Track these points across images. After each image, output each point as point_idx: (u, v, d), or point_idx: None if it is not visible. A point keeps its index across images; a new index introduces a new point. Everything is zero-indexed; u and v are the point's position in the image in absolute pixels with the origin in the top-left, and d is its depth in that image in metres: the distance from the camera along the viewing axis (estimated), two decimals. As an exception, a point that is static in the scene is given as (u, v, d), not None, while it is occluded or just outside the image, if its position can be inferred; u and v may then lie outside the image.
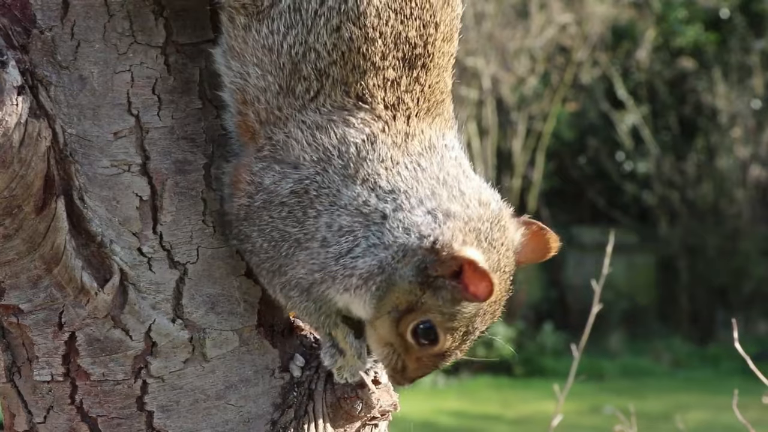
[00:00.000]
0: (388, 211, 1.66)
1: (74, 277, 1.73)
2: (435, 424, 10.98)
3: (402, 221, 1.66)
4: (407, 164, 1.69)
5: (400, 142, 1.70)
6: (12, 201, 1.68)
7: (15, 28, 1.71)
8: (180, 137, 1.77)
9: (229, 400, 1.80)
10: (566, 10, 15.84)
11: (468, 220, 1.67)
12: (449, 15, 1.75)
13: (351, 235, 1.67)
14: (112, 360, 1.76)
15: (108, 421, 1.76)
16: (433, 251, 1.64)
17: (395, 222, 1.66)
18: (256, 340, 1.83)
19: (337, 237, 1.67)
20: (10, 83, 1.64)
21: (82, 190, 1.74)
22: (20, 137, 1.65)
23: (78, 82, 1.73)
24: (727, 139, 16.24)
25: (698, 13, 16.52)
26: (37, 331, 1.76)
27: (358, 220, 1.66)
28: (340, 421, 1.83)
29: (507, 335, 13.99)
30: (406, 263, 1.65)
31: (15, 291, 1.75)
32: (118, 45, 1.73)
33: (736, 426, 2.75)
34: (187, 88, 1.78)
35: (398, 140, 1.70)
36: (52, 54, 1.72)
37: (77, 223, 1.74)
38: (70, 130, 1.73)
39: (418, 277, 1.65)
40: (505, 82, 15.56)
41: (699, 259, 16.05)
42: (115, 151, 1.74)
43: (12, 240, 1.71)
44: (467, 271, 1.62)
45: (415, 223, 1.65)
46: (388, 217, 1.66)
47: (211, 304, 1.79)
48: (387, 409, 1.86)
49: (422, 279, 1.65)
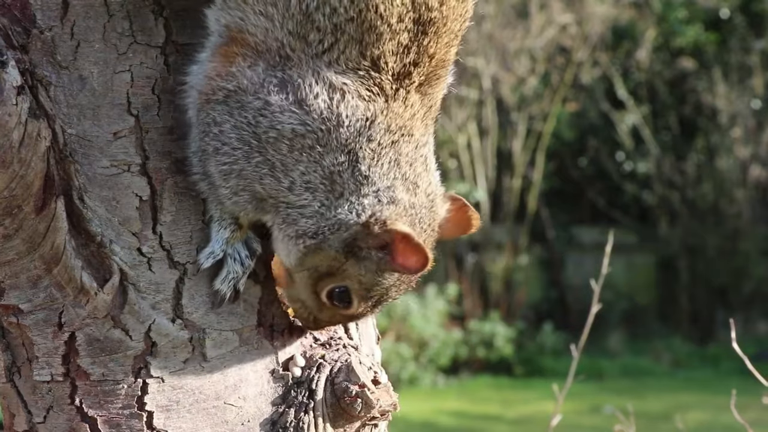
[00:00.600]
0: (348, 191, 1.70)
1: (74, 277, 1.73)
2: (435, 424, 10.99)
3: (352, 203, 1.70)
4: (387, 156, 1.71)
5: (394, 129, 1.70)
6: (12, 201, 1.68)
7: (15, 28, 1.71)
8: (180, 137, 1.77)
9: (228, 400, 1.80)
10: (566, 10, 15.84)
11: (409, 207, 1.73)
12: None
13: (312, 193, 1.69)
14: (112, 360, 1.76)
15: (108, 421, 1.76)
16: (365, 226, 1.70)
17: (347, 203, 1.70)
18: (255, 340, 1.83)
19: (301, 188, 1.69)
20: (10, 83, 1.64)
21: (81, 190, 1.74)
22: (20, 137, 1.65)
23: (78, 82, 1.73)
24: (727, 139, 16.24)
25: (698, 13, 16.52)
26: (36, 331, 1.76)
27: (325, 184, 1.69)
28: (340, 421, 1.83)
29: (507, 335, 13.99)
30: (339, 236, 1.71)
31: (15, 291, 1.75)
32: (117, 45, 1.73)
33: (736, 426, 2.75)
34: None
35: (392, 127, 1.70)
36: (51, 54, 1.72)
37: (77, 223, 1.74)
38: (70, 130, 1.73)
39: (345, 248, 1.71)
40: (505, 82, 15.57)
41: (699, 259, 16.05)
42: (115, 151, 1.74)
43: (12, 240, 1.71)
44: (399, 244, 1.69)
45: (361, 204, 1.70)
46: (344, 196, 1.70)
47: (211, 304, 1.79)
48: (387, 409, 1.86)
49: (348, 249, 1.72)
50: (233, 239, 1.77)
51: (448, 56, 1.75)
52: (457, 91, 7.62)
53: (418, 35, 1.68)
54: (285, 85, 1.66)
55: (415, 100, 1.72)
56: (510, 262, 15.52)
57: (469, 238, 15.50)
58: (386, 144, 1.70)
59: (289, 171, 1.68)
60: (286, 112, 1.66)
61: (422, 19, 1.68)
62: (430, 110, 1.76)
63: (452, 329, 14.05)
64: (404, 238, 1.69)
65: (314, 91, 1.66)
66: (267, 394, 1.83)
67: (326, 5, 1.64)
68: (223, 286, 1.78)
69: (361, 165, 1.69)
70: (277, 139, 1.67)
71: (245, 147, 1.69)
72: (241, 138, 1.69)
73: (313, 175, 1.68)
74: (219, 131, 1.69)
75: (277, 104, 1.66)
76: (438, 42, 1.71)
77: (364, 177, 1.69)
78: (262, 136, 1.67)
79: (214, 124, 1.69)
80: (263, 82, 1.67)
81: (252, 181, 1.70)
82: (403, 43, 1.67)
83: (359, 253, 1.72)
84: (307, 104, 1.66)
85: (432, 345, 13.45)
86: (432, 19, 1.69)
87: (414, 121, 1.73)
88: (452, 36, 1.73)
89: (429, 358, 13.44)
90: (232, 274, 1.78)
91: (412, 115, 1.72)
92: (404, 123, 1.71)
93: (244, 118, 1.68)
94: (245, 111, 1.68)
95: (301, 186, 1.69)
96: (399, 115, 1.70)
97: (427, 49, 1.70)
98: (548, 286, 16.51)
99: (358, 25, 1.65)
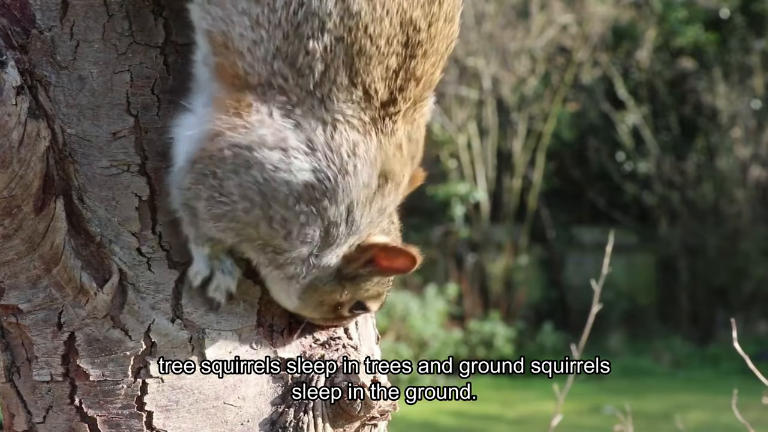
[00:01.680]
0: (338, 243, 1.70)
1: (73, 277, 1.73)
2: (435, 424, 10.99)
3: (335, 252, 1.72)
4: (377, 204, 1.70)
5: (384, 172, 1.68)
6: (11, 201, 1.68)
7: (14, 28, 1.71)
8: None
9: (228, 400, 1.80)
10: (567, 10, 15.84)
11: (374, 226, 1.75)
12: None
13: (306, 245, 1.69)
14: (112, 360, 1.76)
15: (107, 421, 1.76)
16: (344, 258, 1.73)
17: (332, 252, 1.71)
18: (255, 340, 1.83)
19: (297, 240, 1.68)
20: (9, 83, 1.64)
21: (81, 190, 1.74)
22: (19, 137, 1.65)
23: (77, 82, 1.73)
24: (727, 139, 16.24)
25: (698, 13, 16.52)
26: (36, 331, 1.76)
27: (322, 237, 1.69)
28: (340, 421, 1.83)
29: (507, 335, 13.99)
30: (324, 273, 1.74)
31: (14, 291, 1.75)
32: (117, 45, 1.73)
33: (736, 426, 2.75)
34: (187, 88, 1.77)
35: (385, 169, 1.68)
36: (51, 54, 1.72)
37: (76, 223, 1.74)
38: (70, 130, 1.73)
39: (335, 279, 1.75)
40: (505, 82, 15.56)
41: (699, 259, 16.06)
42: (115, 151, 1.74)
43: (11, 240, 1.71)
44: (380, 253, 1.72)
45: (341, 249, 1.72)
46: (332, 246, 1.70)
47: (209, 306, 1.79)
48: (386, 409, 1.86)
49: (339, 279, 1.75)
50: (215, 252, 1.75)
51: (434, 77, 1.70)
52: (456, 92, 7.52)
53: (406, 58, 1.64)
54: (298, 128, 1.62)
55: (401, 132, 1.68)
56: (510, 262, 15.52)
57: (469, 238, 15.51)
58: (376, 188, 1.68)
59: (288, 223, 1.66)
60: (300, 156, 1.62)
61: (410, 41, 1.63)
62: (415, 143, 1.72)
63: (452, 329, 14.05)
64: (384, 247, 1.72)
65: (318, 135, 1.62)
66: (266, 393, 1.83)
67: (315, 18, 1.58)
68: (216, 294, 1.77)
69: (354, 213, 1.68)
70: (287, 195, 1.63)
71: (246, 203, 1.65)
72: (244, 195, 1.64)
73: (312, 227, 1.67)
74: (218, 184, 1.65)
75: (293, 148, 1.62)
76: (425, 64, 1.66)
77: (357, 227, 1.69)
78: (269, 193, 1.63)
79: (213, 177, 1.65)
80: (283, 128, 1.62)
81: (245, 226, 1.68)
82: (391, 68, 1.63)
83: (351, 276, 1.76)
84: (315, 148, 1.62)
85: (432, 345, 13.45)
86: (419, 40, 1.64)
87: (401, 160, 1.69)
88: (438, 56, 1.68)
89: (429, 358, 13.44)
90: (223, 285, 1.77)
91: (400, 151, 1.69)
92: (392, 166, 1.68)
93: (251, 176, 1.63)
94: (253, 169, 1.62)
95: (297, 238, 1.68)
96: (390, 157, 1.67)
97: (414, 72, 1.65)
98: (548, 286, 16.51)
99: (348, 46, 1.59)
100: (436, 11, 1.65)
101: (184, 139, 1.69)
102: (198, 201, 1.67)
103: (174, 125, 1.72)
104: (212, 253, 1.74)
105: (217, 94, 1.66)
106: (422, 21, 1.63)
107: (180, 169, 1.69)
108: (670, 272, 16.37)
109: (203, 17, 1.65)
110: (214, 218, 1.67)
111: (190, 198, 1.68)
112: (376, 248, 1.72)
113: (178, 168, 1.69)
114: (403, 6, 1.61)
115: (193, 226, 1.72)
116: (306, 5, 1.58)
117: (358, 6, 1.59)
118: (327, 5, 1.58)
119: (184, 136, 1.69)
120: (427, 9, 1.64)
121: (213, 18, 1.63)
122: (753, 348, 13.69)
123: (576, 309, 15.54)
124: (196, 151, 1.66)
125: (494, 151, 15.75)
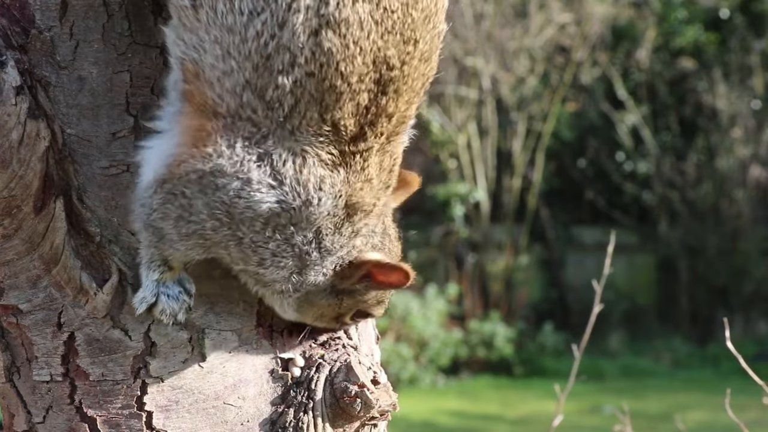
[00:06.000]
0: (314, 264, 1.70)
1: (73, 277, 1.73)
2: (435, 424, 10.99)
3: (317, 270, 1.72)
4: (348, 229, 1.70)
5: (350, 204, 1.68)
6: (11, 201, 1.68)
7: (14, 28, 1.71)
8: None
9: (228, 400, 1.80)
10: (566, 9, 15.84)
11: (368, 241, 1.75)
12: (429, 32, 1.65)
13: (282, 269, 1.70)
14: (112, 360, 1.76)
15: (107, 421, 1.76)
16: (337, 274, 1.73)
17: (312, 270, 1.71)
18: (255, 340, 1.83)
19: (272, 266, 1.69)
20: (9, 83, 1.64)
21: (81, 190, 1.74)
22: (19, 137, 1.65)
23: (77, 82, 1.73)
24: (727, 139, 16.24)
25: (698, 13, 16.52)
26: (36, 331, 1.76)
27: (295, 261, 1.69)
28: (339, 421, 1.83)
29: (507, 335, 14.00)
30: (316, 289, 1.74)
31: (14, 291, 1.75)
32: (117, 45, 1.73)
33: (736, 426, 2.75)
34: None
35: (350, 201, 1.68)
36: (51, 54, 1.72)
37: (76, 223, 1.74)
38: (69, 130, 1.73)
39: (330, 295, 1.76)
40: (504, 82, 15.56)
41: (699, 259, 16.05)
42: (114, 151, 1.75)
43: (11, 240, 1.71)
44: (374, 269, 1.73)
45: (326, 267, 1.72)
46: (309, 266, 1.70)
47: (210, 304, 1.80)
48: (386, 409, 1.86)
49: (334, 294, 1.76)
50: (163, 279, 1.73)
51: (408, 113, 1.69)
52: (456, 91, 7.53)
53: (378, 95, 1.62)
54: (263, 159, 1.62)
55: (372, 166, 1.68)
56: (510, 262, 15.52)
57: (469, 238, 15.52)
58: (343, 217, 1.68)
59: (258, 248, 1.67)
60: (263, 188, 1.62)
61: (383, 79, 1.62)
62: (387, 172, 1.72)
63: (452, 329, 14.05)
64: (377, 264, 1.72)
65: (287, 167, 1.62)
66: (266, 394, 1.83)
67: (286, 52, 1.57)
68: (163, 317, 1.75)
69: (324, 240, 1.69)
70: (252, 219, 1.64)
71: (214, 222, 1.65)
72: (212, 214, 1.65)
73: (283, 254, 1.68)
74: (188, 203, 1.65)
75: (256, 181, 1.62)
76: (398, 101, 1.65)
77: (327, 251, 1.70)
78: (237, 216, 1.64)
79: (182, 197, 1.65)
80: (242, 160, 1.61)
81: (216, 244, 1.68)
82: (362, 104, 1.62)
83: (347, 291, 1.76)
84: (282, 180, 1.62)
85: (432, 345, 13.45)
86: (392, 78, 1.62)
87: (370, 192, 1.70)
88: (413, 94, 1.67)
89: (429, 358, 13.44)
90: (168, 310, 1.74)
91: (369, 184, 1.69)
92: (360, 199, 1.69)
93: (218, 198, 1.63)
94: (220, 192, 1.62)
95: (271, 264, 1.69)
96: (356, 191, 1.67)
97: (386, 108, 1.64)
98: (548, 286, 16.51)
99: (319, 82, 1.58)
100: (411, 50, 1.63)
101: (151, 159, 1.68)
102: (165, 221, 1.67)
103: (142, 145, 1.71)
104: (161, 279, 1.73)
105: (183, 119, 1.65)
106: (396, 60, 1.62)
107: (147, 187, 1.68)
108: (670, 272, 16.37)
109: (176, 43, 1.63)
110: (183, 237, 1.68)
111: (156, 219, 1.68)
112: (370, 264, 1.72)
113: (145, 185, 1.68)
114: (378, 44, 1.60)
115: (152, 248, 1.71)
116: (277, 38, 1.57)
117: (329, 43, 1.57)
118: (299, 39, 1.56)
119: (151, 156, 1.68)
120: (402, 48, 1.62)
121: (186, 45, 1.62)
122: (753, 348, 13.69)
123: (576, 309, 15.54)
124: (166, 172, 1.65)
125: (494, 151, 15.75)
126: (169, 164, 1.65)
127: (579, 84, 16.59)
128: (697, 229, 16.08)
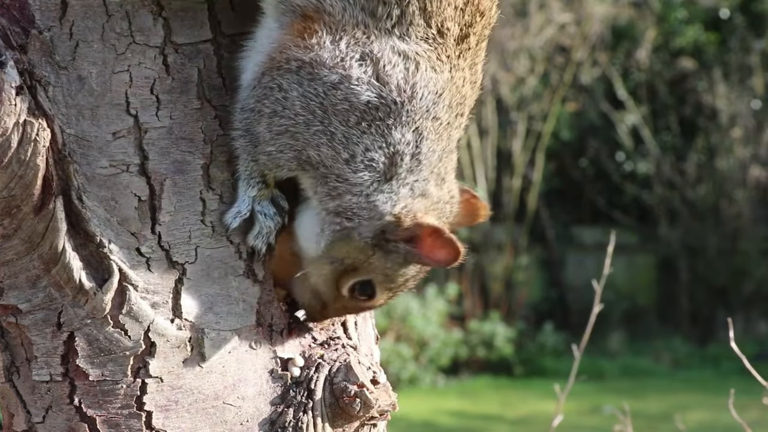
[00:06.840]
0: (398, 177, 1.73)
1: (73, 277, 1.73)
2: (435, 424, 10.99)
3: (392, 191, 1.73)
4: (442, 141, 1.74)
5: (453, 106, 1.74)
6: (11, 201, 1.68)
7: (13, 28, 1.71)
8: (178, 137, 1.77)
9: (227, 400, 1.80)
10: (566, 9, 15.84)
11: (436, 201, 1.76)
12: None
13: (369, 172, 1.72)
14: (111, 360, 1.76)
15: (107, 421, 1.76)
16: (397, 217, 1.73)
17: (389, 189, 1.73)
18: (254, 340, 1.83)
19: (361, 164, 1.72)
20: (9, 83, 1.64)
21: (80, 190, 1.74)
22: (19, 137, 1.65)
23: (76, 82, 1.73)
24: (727, 139, 16.24)
25: (698, 13, 16.52)
26: (35, 331, 1.76)
27: (386, 164, 1.72)
28: (339, 421, 1.83)
29: (507, 335, 13.99)
30: (371, 224, 1.74)
31: (14, 291, 1.75)
32: (116, 45, 1.74)
33: (736, 426, 2.75)
34: (186, 88, 1.78)
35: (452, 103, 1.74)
36: (50, 54, 1.72)
37: (76, 223, 1.74)
38: (69, 130, 1.73)
39: (374, 239, 1.74)
40: (504, 82, 15.56)
41: (699, 259, 16.05)
42: (114, 151, 1.75)
43: (11, 240, 1.71)
44: (428, 238, 1.73)
45: (397, 194, 1.73)
46: (391, 181, 1.73)
47: (210, 304, 1.80)
48: (386, 408, 1.86)
49: (376, 242, 1.75)
50: (261, 197, 1.78)
51: (492, 13, 1.79)
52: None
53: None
54: (365, 59, 1.69)
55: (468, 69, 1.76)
56: (510, 262, 15.52)
57: (469, 238, 15.52)
58: (445, 124, 1.73)
59: (351, 144, 1.70)
60: (364, 85, 1.69)
61: None
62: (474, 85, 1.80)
63: (452, 329, 14.04)
64: (434, 232, 1.73)
65: (392, 63, 1.69)
66: (266, 393, 1.83)
67: None
68: (257, 242, 1.79)
69: (422, 146, 1.72)
70: (348, 110, 1.69)
71: (308, 115, 1.70)
72: (306, 106, 1.70)
73: (377, 152, 1.71)
74: (283, 97, 1.71)
75: (356, 77, 1.69)
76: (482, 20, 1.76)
77: (420, 162, 1.72)
78: (330, 108, 1.69)
79: (279, 90, 1.72)
80: (345, 56, 1.69)
81: (306, 145, 1.72)
82: (459, 6, 1.72)
83: (386, 246, 1.76)
84: (386, 76, 1.69)
85: (432, 345, 13.45)
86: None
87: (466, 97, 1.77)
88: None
89: (429, 358, 13.44)
90: (264, 229, 1.79)
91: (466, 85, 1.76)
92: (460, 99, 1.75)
93: (313, 89, 1.70)
94: (316, 83, 1.70)
95: (361, 162, 1.71)
96: (458, 89, 1.74)
97: (479, 6, 1.75)
98: (548, 286, 16.50)
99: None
100: None
101: (253, 54, 1.75)
102: (259, 124, 1.73)
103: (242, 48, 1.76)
104: (258, 196, 1.77)
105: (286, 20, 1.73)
106: None
107: (247, 87, 1.75)
108: (670, 272, 16.36)
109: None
110: (275, 137, 1.72)
111: (252, 122, 1.73)
112: (426, 228, 1.74)
113: (245, 86, 1.75)
114: None
115: (249, 158, 1.76)
116: None
117: None
118: None
119: (254, 52, 1.75)
120: None
121: None
122: (753, 348, 13.68)
123: (576, 309, 15.53)
124: (266, 60, 1.72)
125: (494, 150, 15.74)
126: (271, 51, 1.72)
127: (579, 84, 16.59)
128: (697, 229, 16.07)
